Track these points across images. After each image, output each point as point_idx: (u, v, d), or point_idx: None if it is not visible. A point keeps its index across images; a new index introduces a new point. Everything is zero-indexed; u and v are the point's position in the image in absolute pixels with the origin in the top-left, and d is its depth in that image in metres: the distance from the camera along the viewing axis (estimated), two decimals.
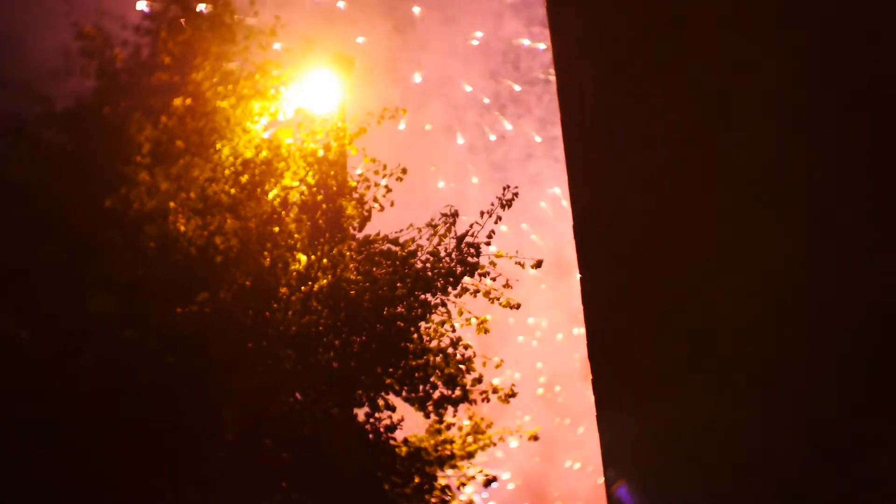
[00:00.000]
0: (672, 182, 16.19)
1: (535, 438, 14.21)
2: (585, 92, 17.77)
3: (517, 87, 46.73)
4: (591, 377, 17.24)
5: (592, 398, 17.38)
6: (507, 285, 12.25)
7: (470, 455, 13.78)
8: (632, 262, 16.59)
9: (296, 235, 11.62)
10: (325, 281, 11.61)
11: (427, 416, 12.51)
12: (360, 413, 12.19)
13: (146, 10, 13.15)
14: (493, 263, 12.16)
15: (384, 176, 12.36)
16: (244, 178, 11.64)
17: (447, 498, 13.33)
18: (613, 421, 16.79)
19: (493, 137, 46.23)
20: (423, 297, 12.03)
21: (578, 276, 17.74)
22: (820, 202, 14.41)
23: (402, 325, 11.99)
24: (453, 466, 13.57)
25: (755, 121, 15.15)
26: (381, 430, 12.27)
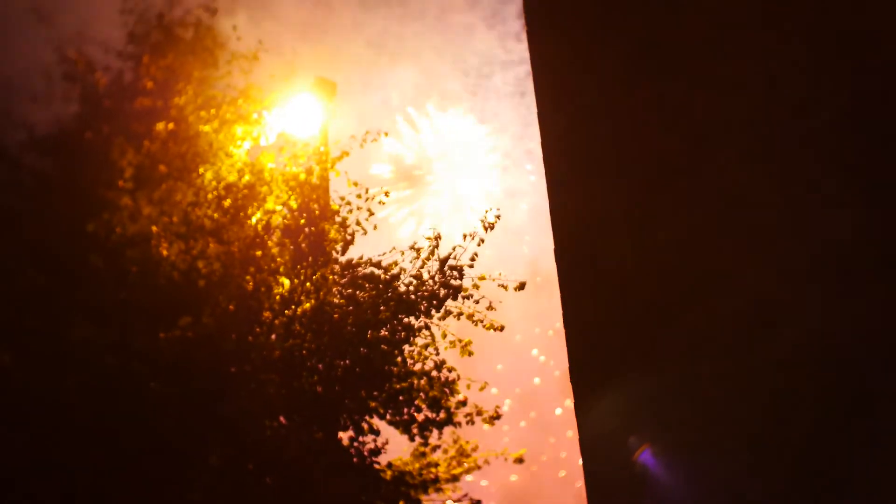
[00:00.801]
0: (652, 201, 16.25)
1: (521, 461, 14.17)
2: (565, 115, 17.85)
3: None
4: (572, 398, 17.23)
5: (573, 415, 17.41)
6: (490, 307, 12.28)
7: (455, 478, 13.73)
8: (613, 281, 16.62)
9: (279, 259, 11.62)
10: (308, 305, 11.62)
11: (412, 439, 12.49)
12: (345, 437, 12.16)
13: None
14: (476, 286, 12.19)
15: (367, 199, 12.41)
16: (227, 203, 11.65)
17: None
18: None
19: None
20: (406, 320, 12.05)
21: (559, 296, 17.76)
22: (800, 225, 14.49)
23: (385, 348, 11.99)
24: (438, 490, 13.50)
25: (734, 144, 15.22)
26: (366, 453, 12.23)
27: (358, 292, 12.13)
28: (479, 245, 12.11)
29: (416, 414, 12.31)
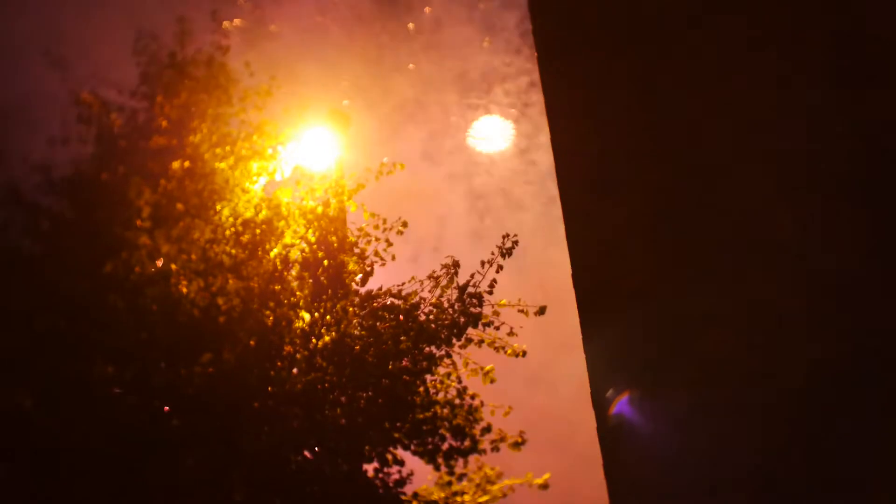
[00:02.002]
0: (668, 226, 16.23)
1: (545, 487, 14.10)
2: (579, 142, 17.86)
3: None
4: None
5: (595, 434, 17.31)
6: (511, 333, 12.27)
7: None
8: (631, 306, 16.56)
9: (298, 293, 11.63)
10: (328, 337, 11.61)
11: (437, 468, 12.44)
12: (370, 468, 12.11)
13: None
14: (496, 313, 12.18)
15: (384, 230, 12.42)
16: (245, 238, 11.68)
17: None
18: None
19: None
20: (427, 349, 12.04)
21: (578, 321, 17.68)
22: (813, 252, 14.49)
23: (407, 378, 11.97)
24: None
25: (751, 169, 15.22)
26: (391, 484, 12.17)
27: (378, 323, 12.13)
28: (497, 272, 12.12)
29: (440, 443, 12.27)
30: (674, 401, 15.51)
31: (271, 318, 11.38)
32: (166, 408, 10.91)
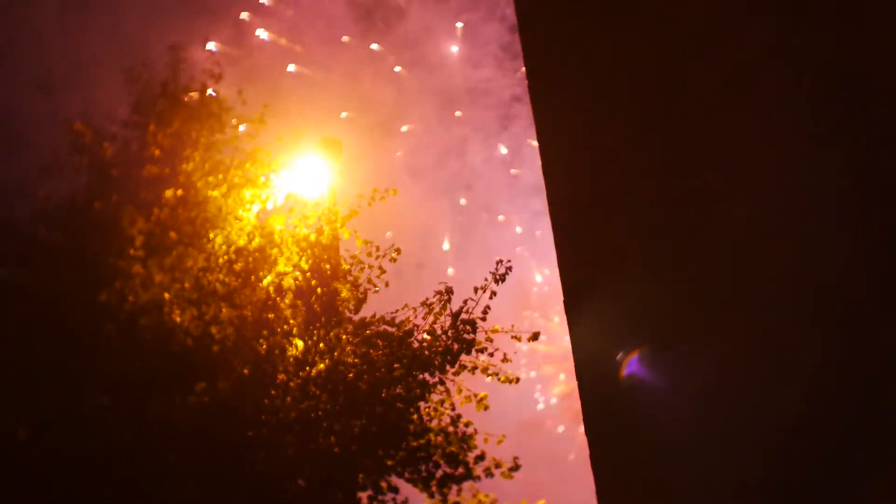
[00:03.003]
0: (660, 248, 16.27)
1: None
2: (570, 163, 17.91)
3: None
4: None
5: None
6: (505, 359, 12.28)
7: None
8: (624, 330, 16.58)
9: (291, 321, 11.64)
10: (322, 365, 11.62)
11: (431, 496, 12.43)
12: (364, 496, 12.09)
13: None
14: (489, 339, 12.20)
15: (378, 257, 12.44)
16: (238, 266, 11.69)
17: None
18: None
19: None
20: (421, 376, 12.04)
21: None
22: (812, 274, 14.54)
23: (401, 406, 11.98)
24: None
25: (743, 187, 15.28)
26: None
27: (371, 351, 12.13)
28: (490, 298, 12.14)
29: (434, 470, 12.26)
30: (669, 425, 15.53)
31: (265, 346, 11.39)
32: (162, 437, 10.86)
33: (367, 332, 12.45)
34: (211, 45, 12.44)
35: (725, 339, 14.95)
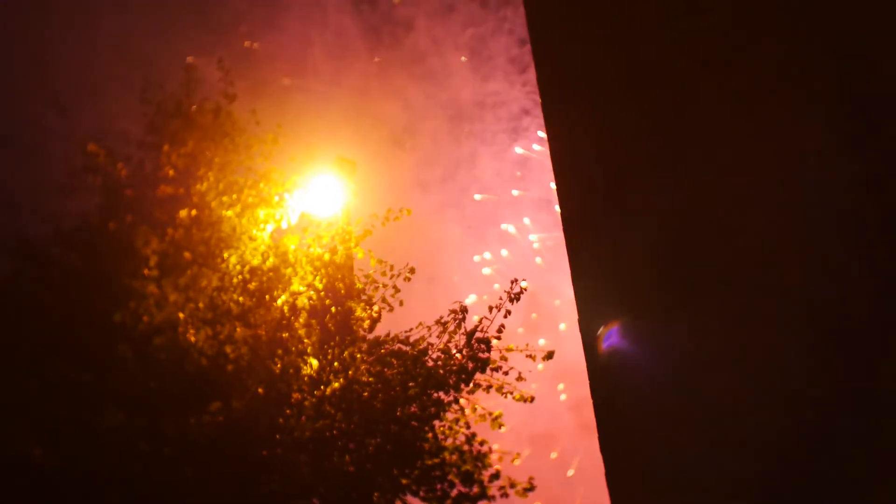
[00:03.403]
0: (673, 254, 16.26)
1: None
2: (581, 166, 17.94)
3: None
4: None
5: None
6: (520, 378, 12.24)
7: None
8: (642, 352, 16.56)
9: (306, 340, 11.63)
10: (337, 384, 11.59)
11: None
12: None
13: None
14: (504, 358, 12.15)
15: (392, 276, 12.41)
16: (252, 286, 11.70)
17: None
18: None
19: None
20: (435, 395, 12.00)
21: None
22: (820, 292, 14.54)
23: (416, 424, 11.94)
24: None
25: (758, 201, 15.29)
26: None
27: (386, 370, 12.10)
28: (505, 317, 12.10)
29: (449, 489, 12.22)
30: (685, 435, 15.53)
31: (279, 365, 11.38)
32: (177, 456, 10.87)
33: (382, 350, 12.43)
34: (223, 62, 12.37)
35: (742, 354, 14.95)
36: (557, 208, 18.43)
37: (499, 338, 12.13)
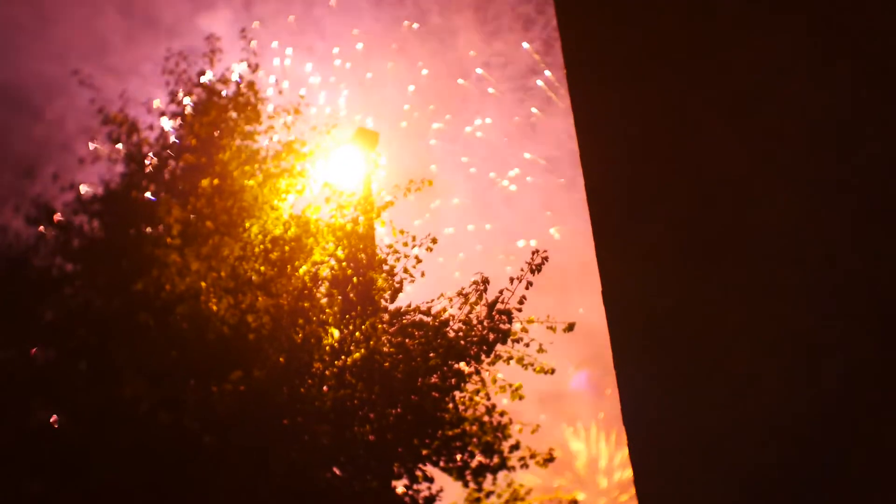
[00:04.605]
0: (698, 244, 16.17)
1: (575, 503, 14.10)
2: (613, 187, 17.85)
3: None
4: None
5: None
6: (540, 349, 12.21)
7: None
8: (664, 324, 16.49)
9: (327, 310, 11.63)
10: (358, 354, 11.58)
11: (466, 485, 12.43)
12: (399, 485, 12.11)
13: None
14: (525, 329, 12.12)
15: (414, 246, 12.38)
16: (274, 256, 11.70)
17: None
18: None
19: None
20: (456, 366, 11.99)
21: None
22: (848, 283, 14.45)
23: (436, 395, 11.95)
24: None
25: (776, 184, 15.16)
26: (421, 501, 12.17)
27: (407, 340, 12.07)
28: (526, 288, 12.04)
29: (469, 460, 12.26)
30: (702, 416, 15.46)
31: (301, 335, 11.38)
32: (197, 425, 10.91)
33: (403, 321, 12.41)
34: (245, 31, 12.37)
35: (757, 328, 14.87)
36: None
37: (520, 309, 12.09)
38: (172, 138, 13.05)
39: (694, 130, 16.29)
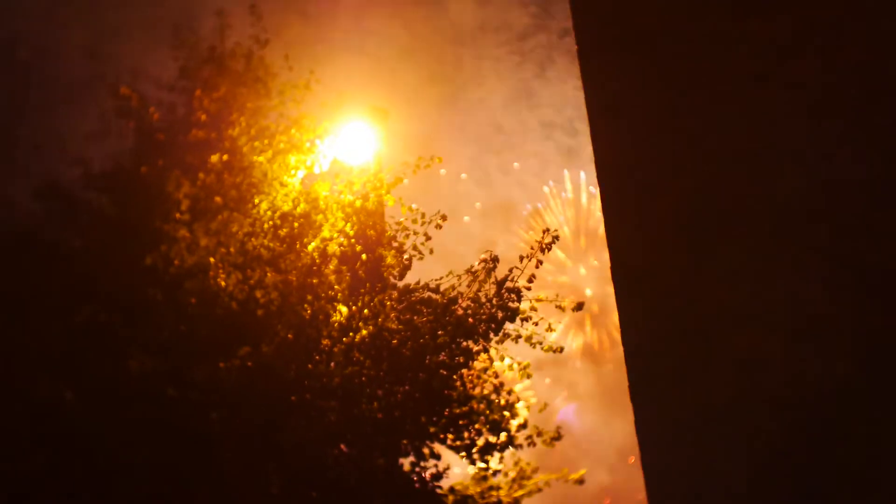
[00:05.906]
0: (705, 224, 16.12)
1: (581, 482, 14.09)
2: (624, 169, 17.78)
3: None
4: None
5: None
6: (549, 329, 12.16)
7: (516, 502, 13.63)
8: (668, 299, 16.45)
9: (336, 287, 11.57)
10: (366, 331, 11.54)
11: (473, 463, 12.43)
12: (406, 462, 12.11)
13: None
14: (534, 308, 12.07)
15: (423, 223, 12.29)
16: (283, 232, 11.66)
17: None
18: None
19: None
20: (464, 344, 11.93)
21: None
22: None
23: (444, 372, 11.90)
24: None
25: (783, 169, 15.11)
26: (428, 478, 12.17)
27: (416, 317, 12.00)
28: (536, 267, 11.97)
29: (476, 438, 12.24)
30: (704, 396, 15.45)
31: (309, 311, 11.36)
32: (205, 400, 10.93)
33: (412, 298, 12.36)
34: (255, 7, 12.34)
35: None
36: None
37: (529, 288, 12.03)
38: (182, 114, 13.03)
39: (708, 103, 16.21)
